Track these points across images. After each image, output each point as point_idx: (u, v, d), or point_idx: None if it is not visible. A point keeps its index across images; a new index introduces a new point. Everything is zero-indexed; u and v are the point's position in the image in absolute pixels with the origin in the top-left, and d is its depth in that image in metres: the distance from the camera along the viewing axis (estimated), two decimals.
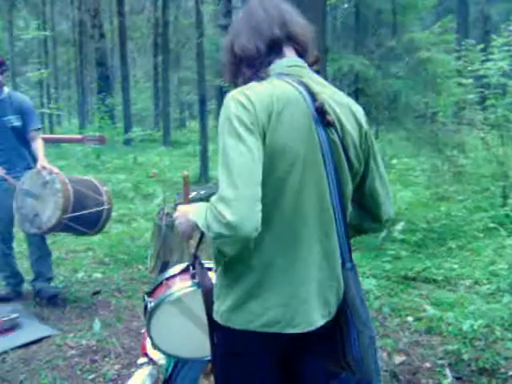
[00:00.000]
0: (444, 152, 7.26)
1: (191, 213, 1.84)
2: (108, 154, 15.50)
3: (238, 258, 1.79)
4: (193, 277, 2.28)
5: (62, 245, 6.87)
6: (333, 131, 1.81)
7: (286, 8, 1.95)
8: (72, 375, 3.67)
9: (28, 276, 5.32)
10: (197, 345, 2.28)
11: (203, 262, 2.23)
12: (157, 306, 2.29)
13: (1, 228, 4.88)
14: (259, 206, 1.62)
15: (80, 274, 5.88)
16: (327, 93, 1.85)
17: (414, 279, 5.71)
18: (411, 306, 4.96)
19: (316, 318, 1.82)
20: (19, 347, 4.12)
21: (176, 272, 2.39)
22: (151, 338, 2.36)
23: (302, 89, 1.80)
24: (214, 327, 1.90)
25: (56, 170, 4.45)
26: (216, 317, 1.86)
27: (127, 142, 19.07)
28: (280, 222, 1.76)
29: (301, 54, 1.93)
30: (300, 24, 1.95)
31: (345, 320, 1.87)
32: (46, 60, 23.49)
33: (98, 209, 4.60)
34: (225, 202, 1.59)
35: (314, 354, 1.94)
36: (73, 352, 4.03)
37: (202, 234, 2.04)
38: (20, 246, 6.05)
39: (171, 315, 2.33)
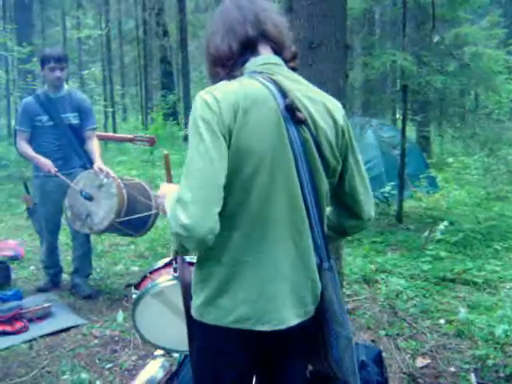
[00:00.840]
0: (495, 150, 7.00)
1: (167, 198, 1.86)
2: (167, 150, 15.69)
3: (210, 255, 1.80)
4: (175, 270, 2.30)
5: (106, 238, 7.03)
6: (305, 129, 1.79)
7: (260, 5, 1.92)
8: (91, 364, 3.76)
9: (69, 267, 5.50)
10: (181, 337, 2.30)
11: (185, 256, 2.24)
12: (140, 298, 2.34)
13: (51, 223, 5.06)
14: (216, 209, 1.62)
15: (119, 267, 6.01)
16: (301, 90, 1.83)
17: (452, 281, 5.57)
18: (445, 309, 4.84)
19: (288, 316, 1.81)
20: (48, 335, 4.26)
21: (160, 265, 2.43)
22: (136, 328, 2.41)
23: (271, 86, 1.78)
24: (190, 321, 1.92)
25: (112, 173, 4.55)
26: (192, 311, 1.87)
27: (187, 138, 19.24)
28: (248, 221, 1.75)
29: (277, 51, 1.90)
30: (274, 21, 1.92)
31: (323, 320, 1.86)
32: (110, 58, 24.04)
33: (146, 213, 4.70)
34: (181, 203, 1.61)
35: (297, 355, 1.94)
36: (96, 342, 4.14)
37: None
38: (68, 238, 6.20)
39: (154, 307, 2.37)
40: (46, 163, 4.77)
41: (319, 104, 1.84)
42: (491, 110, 8.01)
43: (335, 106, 1.90)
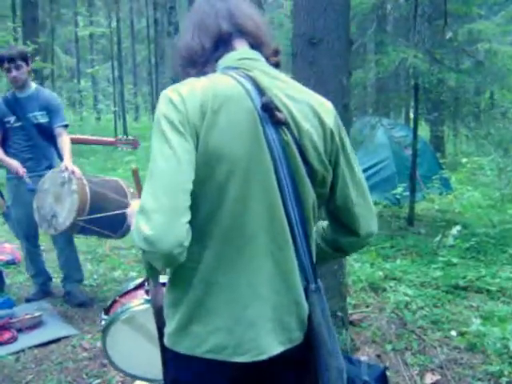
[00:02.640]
0: (510, 151, 6.73)
1: (133, 213, 1.68)
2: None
3: (180, 275, 1.58)
4: (147, 293, 2.08)
5: (107, 241, 6.83)
6: (286, 131, 1.56)
7: (234, 1, 1.74)
8: (78, 379, 3.56)
9: (59, 274, 5.29)
10: (158, 366, 2.08)
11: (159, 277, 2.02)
12: (109, 324, 2.14)
13: (25, 227, 4.83)
14: (184, 218, 1.40)
15: (117, 273, 5.80)
16: (281, 87, 1.61)
17: (465, 289, 5.30)
18: (457, 319, 4.59)
19: (269, 344, 1.58)
20: (36, 346, 4.07)
21: (131, 287, 2.21)
22: (108, 356, 2.19)
23: (247, 84, 1.57)
24: (163, 350, 1.70)
25: (78, 171, 4.35)
26: (164, 339, 1.65)
27: None
28: (220, 236, 1.53)
29: (255, 47, 1.70)
30: (250, 15, 1.73)
31: (312, 349, 1.64)
32: (120, 57, 23.93)
33: (119, 212, 4.46)
34: (144, 213, 1.39)
35: None
36: (85, 354, 3.93)
37: None
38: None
39: (126, 334, 2.16)
40: (14, 164, 4.58)
41: (303, 103, 1.61)
42: (506, 109, 7.72)
43: (323, 106, 1.67)
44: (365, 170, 9.02)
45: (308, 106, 1.61)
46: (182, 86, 1.54)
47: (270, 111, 1.54)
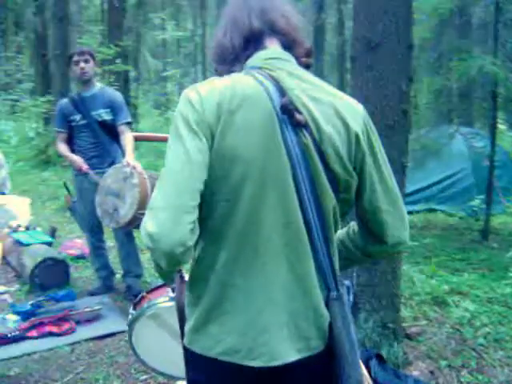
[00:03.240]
0: None
1: None
2: None
3: (198, 274, 1.58)
4: (173, 290, 2.09)
5: None
6: (305, 133, 1.52)
7: None
8: (126, 373, 3.63)
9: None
10: (179, 362, 2.09)
11: (184, 274, 2.02)
12: (135, 320, 2.18)
13: (90, 221, 4.97)
14: (189, 217, 1.40)
15: None
16: (305, 88, 1.56)
17: None
18: None
19: (284, 351, 1.55)
20: (92, 339, 4.18)
21: (159, 284, 2.23)
22: (134, 351, 2.22)
23: (269, 84, 1.54)
24: (184, 349, 1.70)
25: (139, 166, 4.44)
26: (184, 337, 1.66)
27: None
28: (235, 238, 1.52)
29: (287, 46, 1.66)
30: (284, 12, 1.68)
31: (333, 358, 1.59)
32: (204, 61, 24.33)
33: None
34: (151, 210, 1.41)
35: None
36: None
37: None
38: None
39: (151, 329, 2.20)
40: (77, 161, 4.77)
41: (326, 105, 1.56)
42: None
43: (349, 107, 1.60)
44: (440, 181, 8.77)
45: (332, 108, 1.56)
46: (202, 86, 1.53)
47: (289, 112, 1.50)
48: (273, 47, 1.64)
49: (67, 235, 7.24)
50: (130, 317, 2.25)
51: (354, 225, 1.80)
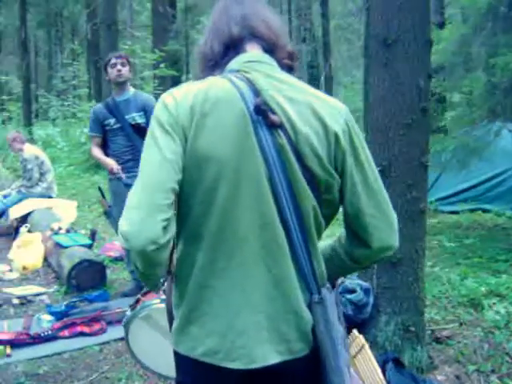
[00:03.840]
0: None
1: None
2: None
3: (180, 276, 1.61)
4: (164, 292, 2.11)
5: None
6: (281, 134, 1.51)
7: (249, 4, 1.72)
8: (148, 373, 3.66)
9: None
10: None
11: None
12: (129, 321, 2.23)
13: None
14: (161, 216, 1.41)
15: None
16: (280, 88, 1.55)
17: None
18: None
19: (264, 353, 1.54)
20: (121, 339, 4.23)
21: None
22: (131, 352, 2.25)
23: (244, 85, 1.54)
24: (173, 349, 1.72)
25: None
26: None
27: None
28: (211, 239, 1.53)
29: (268, 50, 1.66)
30: (264, 18, 1.70)
31: (317, 363, 1.58)
32: None
33: None
34: (126, 209, 1.44)
35: None
36: None
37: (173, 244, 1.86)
38: None
39: (145, 330, 2.25)
40: (110, 163, 4.86)
41: (302, 105, 1.55)
42: None
43: (329, 107, 1.58)
44: (487, 180, 8.51)
45: (309, 108, 1.55)
46: (178, 90, 1.56)
47: (262, 113, 1.50)
48: (253, 51, 1.65)
49: (111, 237, 7.39)
50: (124, 318, 2.29)
51: (342, 231, 1.78)
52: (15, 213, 7.47)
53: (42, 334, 4.31)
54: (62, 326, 4.40)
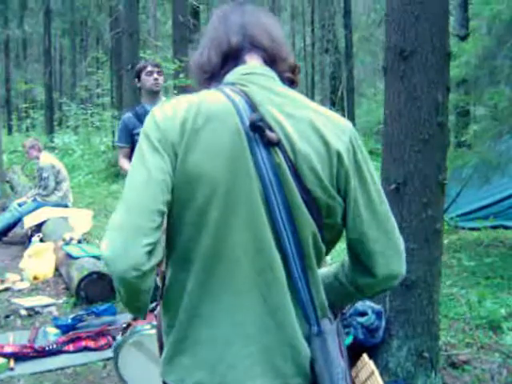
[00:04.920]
0: None
1: None
2: None
3: (169, 302, 1.50)
4: (156, 317, 2.00)
5: None
6: (278, 152, 1.39)
7: (249, 13, 1.60)
8: None
9: None
10: None
11: None
12: (119, 347, 2.13)
13: None
14: (145, 240, 1.30)
15: None
16: (279, 103, 1.44)
17: None
18: None
19: None
20: None
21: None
22: (121, 378, 2.14)
23: (239, 100, 1.43)
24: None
25: None
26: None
27: None
28: (201, 264, 1.41)
29: (269, 61, 1.55)
30: (265, 27, 1.58)
31: None
32: None
33: None
34: (108, 230, 1.34)
35: None
36: None
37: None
38: None
39: (134, 356, 2.15)
40: None
41: (303, 122, 1.43)
42: None
43: (332, 124, 1.46)
44: (509, 196, 8.26)
45: (309, 124, 1.43)
46: (168, 104, 1.46)
47: (258, 130, 1.39)
48: (252, 62, 1.54)
49: None
50: (114, 343, 2.19)
51: (345, 257, 1.65)
52: (29, 221, 7.45)
53: (47, 348, 4.24)
54: (68, 340, 4.32)
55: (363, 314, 3.29)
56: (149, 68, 4.81)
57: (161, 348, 1.66)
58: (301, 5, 25.13)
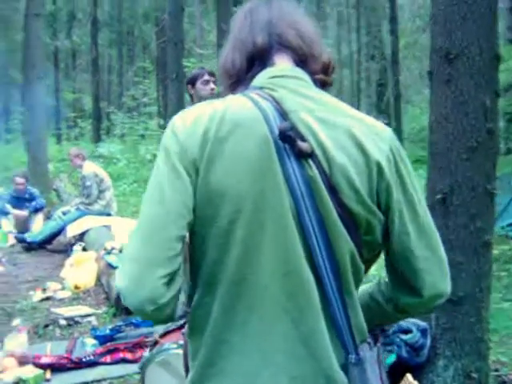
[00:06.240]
0: None
1: None
2: None
3: (195, 326, 1.38)
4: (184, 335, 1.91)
5: None
6: (311, 165, 1.26)
7: (277, 8, 1.46)
8: None
9: None
10: None
11: None
12: (145, 365, 2.03)
13: None
14: (161, 272, 1.21)
15: None
16: (313, 109, 1.31)
17: None
18: None
19: None
20: None
21: (171, 328, 2.07)
22: None
23: (268, 106, 1.30)
24: None
25: None
26: None
27: None
28: (227, 288, 1.29)
29: (300, 61, 1.41)
30: (293, 24, 1.43)
31: None
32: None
33: None
34: (123, 260, 1.27)
35: None
36: None
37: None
38: None
39: (161, 375, 2.04)
40: None
41: (339, 129, 1.29)
42: None
43: (371, 131, 1.32)
44: None
45: (347, 132, 1.29)
46: (190, 112, 1.33)
47: (289, 140, 1.25)
48: (282, 64, 1.41)
49: None
50: (141, 360, 2.11)
51: (384, 277, 1.51)
52: (72, 230, 7.50)
53: (84, 359, 4.20)
54: (105, 352, 4.27)
55: (407, 331, 3.12)
56: (206, 77, 4.71)
57: (186, 370, 1.56)
58: (346, 11, 24.93)
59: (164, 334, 2.16)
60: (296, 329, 1.28)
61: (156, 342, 2.18)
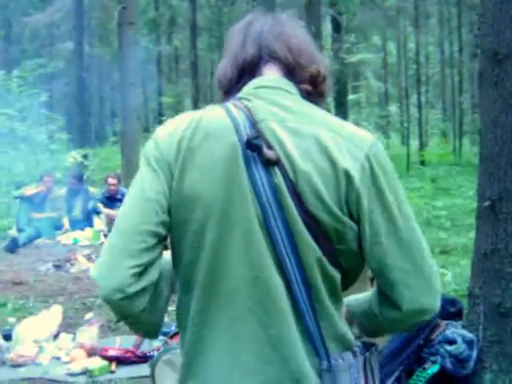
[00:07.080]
0: None
1: None
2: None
3: (179, 325, 1.43)
4: None
5: None
6: (277, 172, 1.28)
7: (273, 18, 1.49)
8: None
9: None
10: None
11: None
12: (154, 363, 2.13)
13: None
14: (131, 262, 1.27)
15: None
16: (285, 118, 1.33)
17: None
18: None
19: None
20: None
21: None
22: None
23: (240, 116, 1.33)
24: None
25: None
26: None
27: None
28: (200, 288, 1.34)
29: (288, 72, 1.43)
30: (281, 35, 1.45)
31: None
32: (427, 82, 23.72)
33: None
34: (102, 252, 1.34)
35: None
36: None
37: None
38: None
39: (168, 374, 2.15)
40: None
41: (307, 138, 1.30)
42: None
43: (344, 140, 1.31)
44: None
45: (315, 141, 1.29)
46: (172, 121, 1.41)
47: (255, 148, 1.28)
48: (270, 74, 1.43)
49: None
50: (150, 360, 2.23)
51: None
52: None
53: (148, 354, 4.34)
54: None
55: (452, 342, 3.02)
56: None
57: None
58: (447, 11, 24.19)
59: (173, 335, 2.26)
60: (264, 332, 1.30)
61: (165, 343, 2.28)
